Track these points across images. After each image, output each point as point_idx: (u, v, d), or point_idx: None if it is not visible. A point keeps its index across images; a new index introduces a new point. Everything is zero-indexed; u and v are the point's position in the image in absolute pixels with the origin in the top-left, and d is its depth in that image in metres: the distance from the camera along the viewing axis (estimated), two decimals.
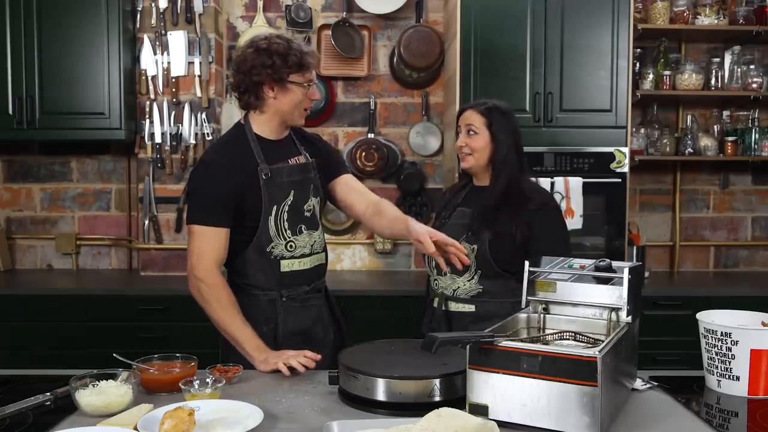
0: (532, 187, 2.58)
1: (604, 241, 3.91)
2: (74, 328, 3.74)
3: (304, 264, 2.40)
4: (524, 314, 1.96)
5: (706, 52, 4.43)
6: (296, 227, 2.37)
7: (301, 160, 2.44)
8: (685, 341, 2.78)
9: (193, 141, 4.13)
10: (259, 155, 2.33)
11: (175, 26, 4.15)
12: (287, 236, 2.35)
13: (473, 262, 2.45)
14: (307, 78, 2.33)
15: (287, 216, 2.35)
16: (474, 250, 2.46)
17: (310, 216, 2.42)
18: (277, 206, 2.32)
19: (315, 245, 2.44)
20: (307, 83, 2.33)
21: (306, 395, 1.90)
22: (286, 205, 2.34)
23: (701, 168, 4.54)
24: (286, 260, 2.36)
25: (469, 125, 2.54)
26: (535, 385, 1.58)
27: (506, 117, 2.56)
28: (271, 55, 2.27)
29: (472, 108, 2.57)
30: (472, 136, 2.53)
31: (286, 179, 2.36)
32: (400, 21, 4.42)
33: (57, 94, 3.99)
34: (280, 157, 2.39)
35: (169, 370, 1.97)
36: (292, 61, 2.28)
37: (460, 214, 2.57)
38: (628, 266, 1.82)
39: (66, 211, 4.51)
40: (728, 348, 1.90)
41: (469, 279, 2.48)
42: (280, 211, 2.33)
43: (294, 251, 2.37)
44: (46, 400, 1.82)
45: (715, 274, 4.50)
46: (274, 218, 2.32)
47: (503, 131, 2.52)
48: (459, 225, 2.54)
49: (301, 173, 2.41)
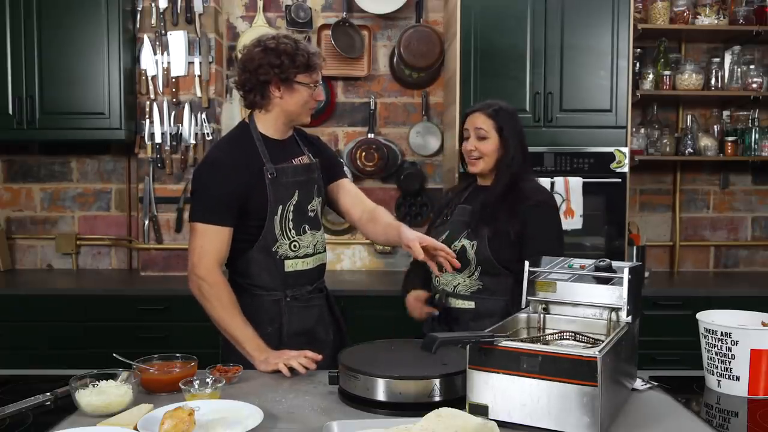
0: (532, 186, 2.57)
1: (604, 241, 3.91)
2: (74, 328, 3.74)
3: (308, 264, 2.41)
4: (524, 314, 1.96)
5: (706, 52, 4.43)
6: (300, 227, 2.37)
7: (305, 160, 2.45)
8: (685, 341, 2.78)
9: (193, 141, 4.13)
10: (264, 154, 2.33)
11: (175, 26, 4.15)
12: (291, 236, 2.35)
13: (473, 258, 2.46)
14: (313, 79, 2.33)
15: (292, 216, 2.35)
16: (474, 246, 2.47)
17: (314, 216, 2.43)
18: (283, 206, 2.33)
19: (318, 245, 2.44)
20: (314, 84, 2.34)
21: (306, 395, 1.90)
22: (291, 204, 2.34)
23: (701, 168, 4.55)
24: (290, 260, 2.36)
25: (479, 129, 2.53)
26: (535, 385, 1.58)
27: (513, 119, 2.56)
28: (279, 54, 2.27)
29: (480, 111, 2.56)
30: (482, 141, 2.52)
31: (291, 179, 2.36)
32: (400, 21, 4.42)
33: (57, 94, 3.99)
34: (285, 157, 2.39)
35: (169, 370, 1.97)
36: (299, 62, 2.28)
37: (461, 212, 2.58)
38: (628, 266, 1.82)
39: (66, 211, 4.51)
40: (728, 348, 1.90)
41: (469, 275, 2.48)
42: (285, 211, 2.33)
43: (298, 251, 2.37)
44: (46, 400, 1.82)
45: (715, 274, 4.50)
46: (279, 218, 2.32)
47: (512, 134, 2.53)
48: (460, 222, 2.55)
49: (306, 173, 2.41)
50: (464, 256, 2.46)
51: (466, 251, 2.47)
